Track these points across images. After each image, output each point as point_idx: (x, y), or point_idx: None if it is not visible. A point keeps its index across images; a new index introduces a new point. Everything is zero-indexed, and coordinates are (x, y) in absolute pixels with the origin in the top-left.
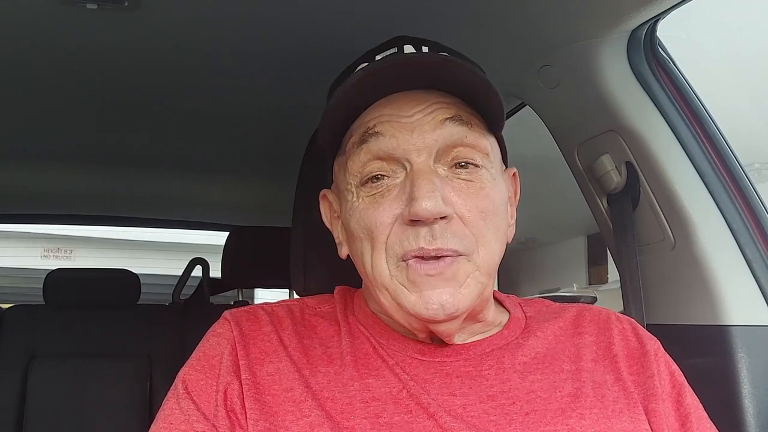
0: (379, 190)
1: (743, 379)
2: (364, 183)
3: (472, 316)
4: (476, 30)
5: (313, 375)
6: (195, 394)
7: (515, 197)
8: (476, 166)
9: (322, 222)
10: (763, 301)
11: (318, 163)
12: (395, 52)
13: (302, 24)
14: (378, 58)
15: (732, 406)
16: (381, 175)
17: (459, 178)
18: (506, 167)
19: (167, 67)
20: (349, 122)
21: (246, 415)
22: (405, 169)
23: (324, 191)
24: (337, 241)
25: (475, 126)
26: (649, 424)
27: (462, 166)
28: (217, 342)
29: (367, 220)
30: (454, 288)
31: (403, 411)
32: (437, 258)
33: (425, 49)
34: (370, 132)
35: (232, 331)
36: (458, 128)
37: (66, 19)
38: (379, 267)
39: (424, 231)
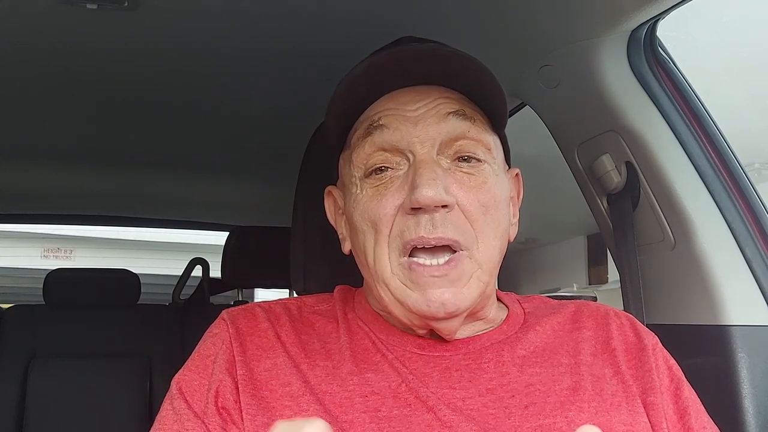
0: (383, 181)
1: (743, 379)
2: (368, 174)
3: (473, 314)
4: (476, 30)
5: (311, 369)
6: (188, 394)
7: (518, 198)
8: (479, 160)
9: (322, 221)
10: (763, 301)
11: (318, 163)
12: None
13: (302, 24)
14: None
15: (732, 406)
16: (385, 166)
17: (461, 171)
18: (509, 167)
19: (167, 67)
20: (355, 117)
21: (241, 413)
22: (408, 160)
23: (329, 188)
24: (340, 236)
25: (478, 121)
26: (647, 417)
27: (465, 160)
28: (212, 342)
29: (371, 211)
30: (457, 288)
31: (402, 405)
32: (438, 248)
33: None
34: (374, 125)
35: (228, 330)
36: (461, 123)
37: (66, 19)
38: (382, 261)
39: (424, 219)
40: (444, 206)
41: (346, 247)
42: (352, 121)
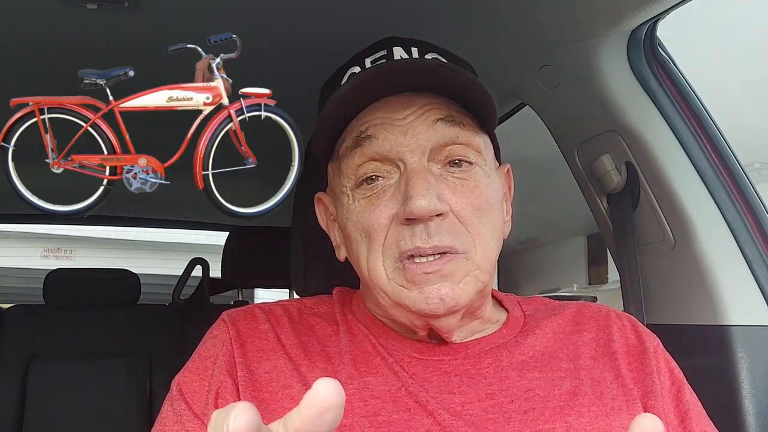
0: (375, 191)
1: (743, 379)
2: (359, 185)
3: (471, 312)
4: (476, 30)
5: (311, 372)
6: (188, 396)
7: (510, 193)
8: (470, 163)
9: None
10: (763, 301)
11: (317, 163)
12: (384, 59)
13: (302, 24)
14: (368, 61)
15: (732, 406)
16: (376, 175)
17: (453, 176)
18: (500, 164)
19: (167, 67)
20: (341, 128)
21: None
22: (399, 169)
23: (319, 194)
24: (334, 243)
25: (467, 125)
26: None
27: (456, 164)
28: (212, 344)
29: (365, 222)
30: (452, 282)
31: (401, 409)
32: (434, 255)
33: (415, 50)
34: (363, 136)
35: (229, 332)
36: (450, 128)
37: (66, 19)
38: (376, 270)
39: (419, 229)
40: (438, 215)
41: (341, 254)
42: (339, 130)
